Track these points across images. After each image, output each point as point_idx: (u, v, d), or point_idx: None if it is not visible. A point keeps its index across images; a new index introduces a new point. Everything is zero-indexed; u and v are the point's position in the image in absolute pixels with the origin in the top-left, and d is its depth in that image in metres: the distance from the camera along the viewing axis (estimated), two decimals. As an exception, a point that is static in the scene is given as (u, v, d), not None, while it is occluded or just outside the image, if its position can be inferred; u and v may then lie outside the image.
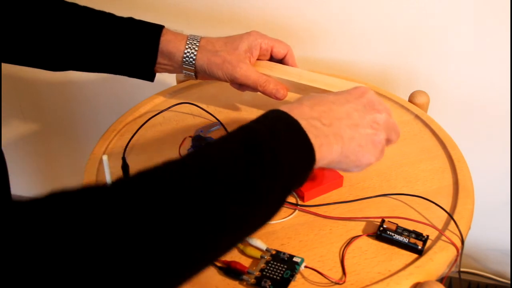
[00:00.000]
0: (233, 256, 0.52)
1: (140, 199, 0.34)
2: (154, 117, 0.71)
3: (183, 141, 0.68)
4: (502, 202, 1.06)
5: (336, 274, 0.50)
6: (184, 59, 0.65)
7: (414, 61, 0.94)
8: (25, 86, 1.22)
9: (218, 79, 0.66)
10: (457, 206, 0.57)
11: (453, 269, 0.53)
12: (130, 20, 0.66)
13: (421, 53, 0.93)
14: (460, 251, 0.52)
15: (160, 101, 0.78)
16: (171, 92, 0.80)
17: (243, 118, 0.74)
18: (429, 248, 0.52)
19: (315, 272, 0.50)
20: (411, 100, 0.78)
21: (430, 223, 0.55)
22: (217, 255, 0.39)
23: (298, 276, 0.49)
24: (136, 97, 0.79)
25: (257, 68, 0.68)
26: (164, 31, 0.65)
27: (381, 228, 0.53)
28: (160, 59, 0.66)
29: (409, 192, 0.59)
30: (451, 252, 0.52)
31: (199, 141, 0.64)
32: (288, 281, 0.48)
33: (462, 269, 1.07)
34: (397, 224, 0.54)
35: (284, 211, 0.57)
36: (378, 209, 0.57)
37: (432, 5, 0.87)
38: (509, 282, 1.17)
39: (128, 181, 0.36)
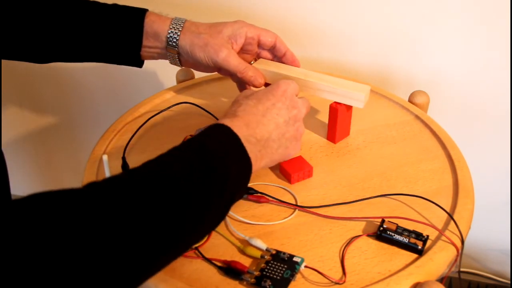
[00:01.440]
0: (233, 256, 0.52)
1: (102, 206, 0.38)
2: (154, 117, 0.71)
3: (183, 141, 0.68)
4: (502, 202, 1.06)
5: (336, 274, 0.50)
6: (168, 39, 0.65)
7: (414, 61, 0.94)
8: (25, 86, 1.22)
9: (200, 62, 0.66)
10: (457, 206, 0.57)
11: (453, 269, 0.53)
12: (114, 6, 0.66)
13: (421, 53, 0.93)
14: (460, 251, 0.52)
15: (160, 101, 0.78)
16: (171, 92, 0.80)
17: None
18: (429, 248, 0.52)
19: (315, 272, 0.50)
20: (411, 100, 0.78)
21: (430, 223, 0.55)
22: (170, 258, 0.44)
23: (298, 276, 0.49)
24: (136, 97, 0.79)
25: (263, 66, 0.68)
26: (148, 13, 0.66)
27: (381, 228, 0.53)
28: (145, 41, 0.66)
29: (409, 192, 0.59)
30: (451, 252, 0.52)
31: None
32: (288, 281, 0.48)
33: (462, 269, 1.07)
34: (397, 224, 0.54)
35: (284, 211, 0.57)
36: (378, 209, 0.57)
37: (432, 5, 0.87)
38: (509, 282, 1.17)
39: (100, 185, 0.40)
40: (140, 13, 0.65)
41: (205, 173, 0.45)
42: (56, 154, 1.36)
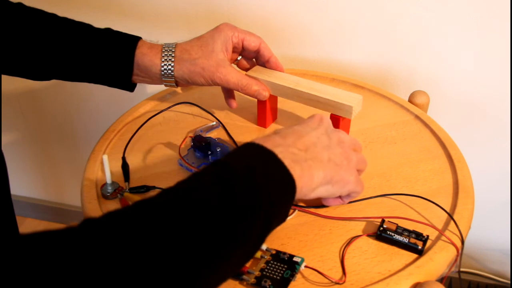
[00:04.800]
0: (233, 256, 0.52)
1: (111, 246, 0.33)
2: (154, 117, 0.71)
3: (183, 141, 0.68)
4: (502, 202, 1.06)
5: (336, 274, 0.50)
6: (163, 73, 0.65)
7: (414, 61, 0.94)
8: (25, 87, 1.22)
9: (201, 85, 0.66)
10: (457, 206, 0.57)
11: (453, 269, 0.53)
12: (107, 31, 0.65)
13: (421, 53, 0.93)
14: (460, 251, 0.52)
15: (160, 101, 0.78)
16: (171, 92, 0.80)
17: (243, 118, 0.74)
18: (429, 248, 0.52)
19: (315, 272, 0.50)
20: (411, 100, 0.78)
21: (430, 223, 0.55)
22: None
23: (298, 276, 0.49)
24: (136, 97, 0.79)
25: (254, 73, 0.68)
26: (139, 43, 0.65)
27: (381, 228, 0.53)
28: (136, 71, 0.65)
29: (409, 192, 0.59)
30: (451, 252, 0.52)
31: (199, 141, 0.64)
32: (288, 281, 0.48)
33: (462, 269, 1.07)
34: (397, 224, 0.54)
35: (284, 211, 0.57)
36: (378, 209, 0.57)
37: (432, 5, 0.87)
38: (509, 282, 1.17)
39: (98, 222, 0.35)
40: (131, 44, 0.64)
41: (227, 199, 0.38)
42: (56, 154, 1.36)
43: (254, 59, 0.71)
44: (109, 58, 0.64)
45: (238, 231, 0.38)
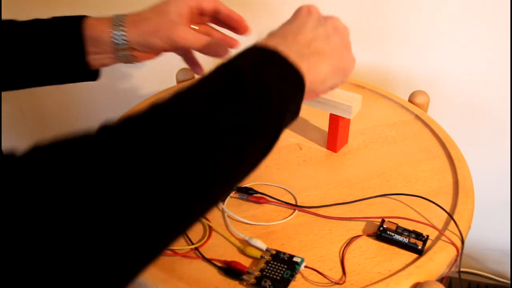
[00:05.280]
0: (233, 256, 0.52)
1: (127, 146, 0.33)
2: (154, 117, 0.70)
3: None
4: (502, 202, 1.06)
5: (336, 274, 0.50)
6: (115, 40, 0.59)
7: (414, 61, 0.94)
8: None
9: (157, 48, 0.60)
10: (457, 206, 0.57)
11: (453, 269, 0.53)
12: (52, 19, 0.61)
13: (421, 53, 0.93)
14: (460, 251, 0.52)
15: (160, 101, 0.78)
16: (171, 92, 0.80)
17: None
18: (429, 248, 0.52)
19: (315, 272, 0.50)
20: (411, 100, 0.78)
21: (430, 223, 0.55)
22: (215, 200, 0.39)
23: (298, 276, 0.49)
24: (136, 97, 0.79)
25: None
26: (85, 19, 0.60)
27: (381, 228, 0.53)
28: (89, 48, 0.60)
29: (409, 192, 0.59)
30: (451, 252, 0.52)
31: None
32: (288, 281, 0.48)
33: (462, 269, 1.07)
34: (397, 224, 0.54)
35: (284, 211, 0.57)
36: (378, 209, 0.57)
37: (432, 5, 0.87)
38: (509, 282, 1.17)
39: (114, 130, 0.35)
40: (76, 21, 0.60)
41: (239, 100, 0.38)
42: (56, 154, 1.36)
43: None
44: (58, 42, 0.59)
45: (252, 130, 0.39)
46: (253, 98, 0.39)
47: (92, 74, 0.63)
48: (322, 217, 0.56)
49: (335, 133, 0.66)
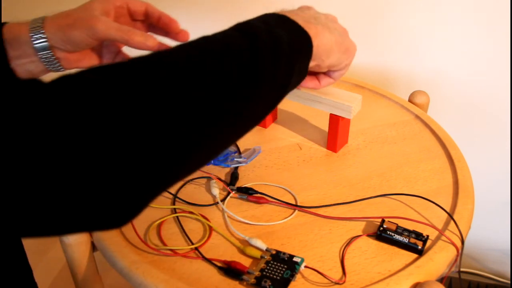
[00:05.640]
0: (233, 256, 0.52)
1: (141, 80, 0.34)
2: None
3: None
4: (502, 202, 1.06)
5: (336, 274, 0.50)
6: (33, 37, 0.55)
7: (414, 61, 0.94)
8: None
9: (79, 43, 0.56)
10: (457, 206, 0.57)
11: (453, 269, 0.53)
12: None
13: (421, 53, 0.93)
14: (460, 251, 0.52)
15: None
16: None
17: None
18: (429, 248, 0.52)
19: (315, 272, 0.50)
20: (411, 100, 0.78)
21: (430, 223, 0.55)
22: (229, 137, 0.40)
23: (298, 276, 0.49)
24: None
25: None
26: (5, 24, 0.56)
27: (381, 228, 0.53)
28: (10, 51, 0.56)
29: (409, 192, 0.59)
30: (451, 252, 0.52)
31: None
32: (288, 281, 0.48)
33: (462, 269, 1.07)
34: (397, 224, 0.54)
35: (284, 211, 0.57)
36: (378, 209, 0.57)
37: (432, 5, 0.87)
38: (509, 282, 1.17)
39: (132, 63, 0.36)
40: None
41: (251, 44, 0.40)
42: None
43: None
44: None
45: (262, 74, 0.40)
46: (267, 45, 0.40)
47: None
48: (322, 217, 0.56)
49: (335, 133, 0.66)
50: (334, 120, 0.65)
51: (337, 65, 0.54)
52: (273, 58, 0.41)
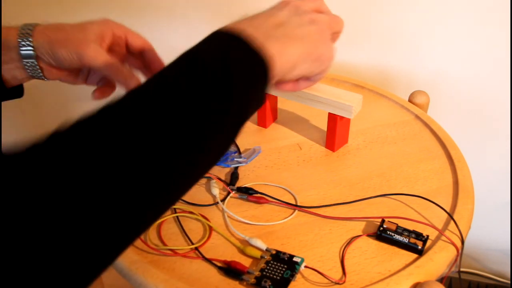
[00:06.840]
0: (233, 256, 0.52)
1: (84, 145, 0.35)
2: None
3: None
4: (502, 202, 1.06)
5: (336, 274, 0.50)
6: (20, 43, 0.53)
7: (414, 61, 0.94)
8: (25, 87, 1.22)
9: (63, 61, 0.54)
10: (457, 206, 0.57)
11: (453, 269, 0.53)
12: None
13: (421, 53, 0.93)
14: (460, 251, 0.52)
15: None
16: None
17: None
18: (429, 248, 0.52)
19: (315, 272, 0.50)
20: (411, 100, 0.78)
21: (430, 223, 0.55)
22: (177, 194, 0.38)
23: (298, 276, 0.49)
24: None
25: None
26: None
27: (381, 228, 0.53)
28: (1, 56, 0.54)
29: (409, 192, 0.59)
30: (451, 252, 0.52)
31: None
32: (288, 281, 0.48)
33: (462, 269, 1.07)
34: (397, 224, 0.54)
35: (284, 211, 0.57)
36: (378, 209, 0.57)
37: (432, 5, 0.87)
38: (509, 282, 1.17)
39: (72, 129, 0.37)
40: None
41: (198, 88, 0.36)
42: (56, 154, 1.36)
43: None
44: None
45: (212, 119, 0.37)
46: (215, 87, 0.37)
47: (15, 91, 0.59)
48: (322, 217, 0.56)
49: (333, 132, 0.66)
50: (332, 119, 0.65)
51: (308, 74, 0.49)
52: (223, 104, 0.38)
